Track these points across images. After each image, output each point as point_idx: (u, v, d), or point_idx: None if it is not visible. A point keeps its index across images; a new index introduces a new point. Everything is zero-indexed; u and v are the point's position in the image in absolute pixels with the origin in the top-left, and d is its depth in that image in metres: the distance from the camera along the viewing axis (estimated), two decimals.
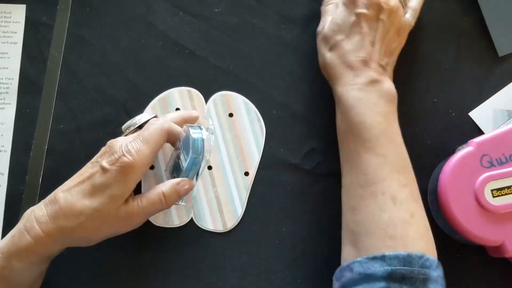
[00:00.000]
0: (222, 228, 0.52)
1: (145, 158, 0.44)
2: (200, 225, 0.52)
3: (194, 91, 0.55)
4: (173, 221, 0.52)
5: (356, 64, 0.47)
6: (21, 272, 0.43)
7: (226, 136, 0.54)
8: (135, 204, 0.45)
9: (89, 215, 0.43)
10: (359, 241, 0.43)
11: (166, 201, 0.46)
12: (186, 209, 0.52)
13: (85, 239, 0.45)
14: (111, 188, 0.43)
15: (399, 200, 0.43)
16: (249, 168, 0.53)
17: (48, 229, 0.42)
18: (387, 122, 0.46)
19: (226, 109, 0.54)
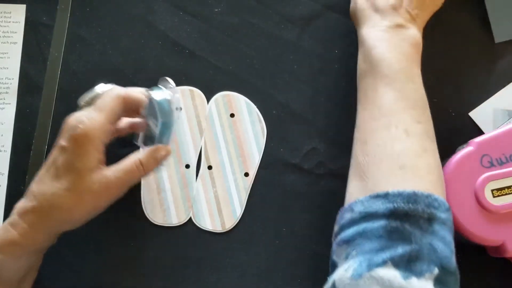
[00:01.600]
0: (221, 228, 0.52)
1: (100, 125, 0.42)
2: (198, 224, 0.52)
3: (196, 91, 0.55)
4: (171, 220, 0.52)
5: (385, 8, 0.47)
6: (7, 266, 0.43)
7: (227, 136, 0.54)
8: (110, 175, 0.43)
9: (62, 196, 0.42)
10: (367, 171, 0.41)
11: (144, 168, 0.45)
12: (185, 208, 0.52)
13: (67, 221, 0.44)
14: (73, 163, 0.42)
15: (412, 133, 0.41)
16: (249, 169, 0.53)
17: (30, 221, 0.42)
18: (407, 62, 0.45)
19: (228, 109, 0.54)
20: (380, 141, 0.42)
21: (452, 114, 0.54)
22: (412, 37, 0.47)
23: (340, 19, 0.57)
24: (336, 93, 0.55)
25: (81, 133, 0.42)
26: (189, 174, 0.53)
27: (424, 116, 0.44)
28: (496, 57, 0.55)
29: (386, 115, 0.43)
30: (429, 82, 0.55)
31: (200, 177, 0.53)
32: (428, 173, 0.41)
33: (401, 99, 0.43)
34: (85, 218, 0.45)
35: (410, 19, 0.48)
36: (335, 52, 0.56)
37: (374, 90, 0.44)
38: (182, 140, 0.54)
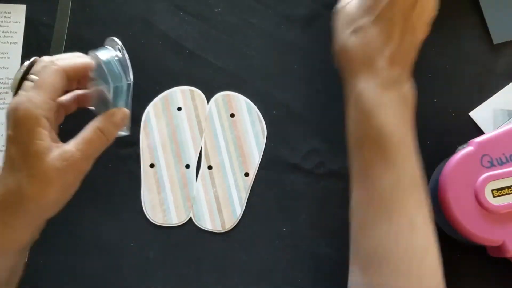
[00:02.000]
0: (221, 228, 0.52)
1: (40, 102, 0.39)
2: (198, 224, 0.52)
3: (197, 91, 0.55)
4: (171, 219, 0.52)
5: (381, 58, 0.42)
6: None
7: (227, 136, 0.54)
8: (70, 149, 0.39)
9: (26, 184, 0.38)
10: (370, 266, 0.39)
11: (105, 134, 0.41)
12: (185, 208, 0.52)
13: (41, 209, 0.40)
14: (26, 147, 0.38)
15: (416, 225, 0.39)
16: (249, 169, 0.53)
17: (1, 219, 0.39)
18: (407, 130, 0.42)
19: (228, 109, 0.54)
20: (383, 233, 0.39)
21: (452, 114, 0.54)
22: (408, 95, 0.42)
23: None
24: (336, 93, 0.55)
25: (22, 114, 0.38)
26: (189, 174, 0.53)
27: (424, 194, 0.41)
28: (496, 57, 0.55)
29: (387, 202, 0.39)
30: (429, 82, 0.55)
31: (200, 177, 0.53)
32: (432, 274, 0.39)
33: (402, 180, 0.40)
34: (59, 200, 0.40)
35: (407, 69, 0.43)
36: None
37: (371, 167, 0.40)
38: (182, 140, 0.54)
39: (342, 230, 0.52)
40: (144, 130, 0.54)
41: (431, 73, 0.55)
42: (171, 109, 0.54)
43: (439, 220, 0.51)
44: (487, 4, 0.56)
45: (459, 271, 0.51)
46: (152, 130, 0.54)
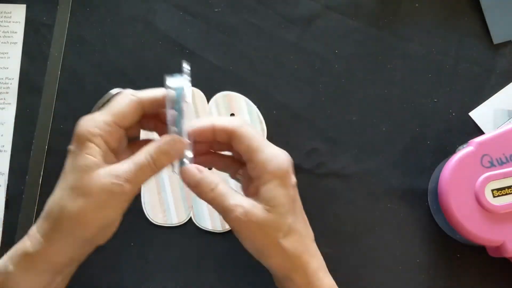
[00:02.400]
0: (221, 228, 0.52)
1: (103, 122, 0.38)
2: (199, 225, 0.52)
3: (197, 91, 0.55)
4: (171, 219, 0.52)
5: (314, 247, 0.41)
6: (17, 280, 0.39)
7: None
8: (120, 168, 0.38)
9: (69, 197, 0.37)
10: None
11: (155, 164, 0.38)
12: (185, 208, 0.52)
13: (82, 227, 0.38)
14: (76, 161, 0.38)
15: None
16: None
17: (43, 231, 0.38)
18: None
19: (228, 109, 0.54)
20: None
21: (452, 114, 0.54)
22: None
23: (340, 19, 0.57)
24: (336, 93, 0.55)
25: (79, 129, 0.38)
26: None
27: None
28: (496, 57, 0.55)
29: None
30: (429, 82, 0.55)
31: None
32: None
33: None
34: (100, 223, 0.38)
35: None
36: (335, 52, 0.56)
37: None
38: None
39: (342, 230, 0.52)
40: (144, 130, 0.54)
41: (431, 73, 0.55)
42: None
43: (439, 220, 0.51)
44: (487, 4, 0.56)
45: (459, 271, 0.51)
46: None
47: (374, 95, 0.55)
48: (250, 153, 0.40)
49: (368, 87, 0.55)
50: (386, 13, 0.57)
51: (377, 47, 0.56)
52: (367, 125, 0.54)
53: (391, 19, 0.57)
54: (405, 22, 0.56)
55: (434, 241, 0.52)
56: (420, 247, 0.52)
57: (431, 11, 0.56)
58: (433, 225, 0.52)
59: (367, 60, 0.56)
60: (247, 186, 0.42)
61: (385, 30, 0.56)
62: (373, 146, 0.54)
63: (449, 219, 0.47)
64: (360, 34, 0.56)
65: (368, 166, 0.53)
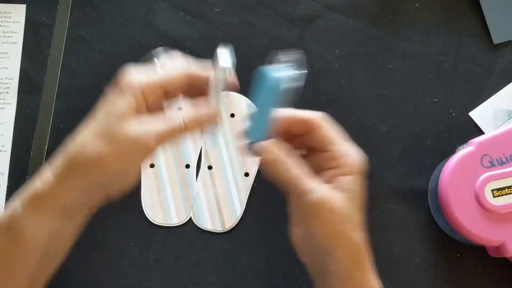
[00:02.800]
0: (221, 228, 0.52)
1: (145, 77, 0.39)
2: (198, 224, 0.52)
3: None
4: (171, 220, 0.52)
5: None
6: (30, 224, 0.37)
7: (227, 136, 0.54)
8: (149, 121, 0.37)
9: (92, 140, 0.36)
10: None
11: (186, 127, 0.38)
12: (185, 208, 0.52)
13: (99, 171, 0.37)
14: (107, 107, 0.38)
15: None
16: (249, 169, 0.53)
17: (56, 170, 0.37)
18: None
19: (228, 109, 0.54)
20: None
21: (452, 114, 0.54)
22: None
23: (340, 19, 0.57)
24: (336, 93, 0.55)
25: (126, 79, 0.38)
26: (189, 174, 0.53)
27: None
28: (496, 57, 0.55)
29: None
30: (429, 82, 0.55)
31: (200, 177, 0.53)
32: None
33: None
34: (121, 170, 0.37)
35: None
36: (335, 52, 0.56)
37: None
38: (183, 141, 0.54)
39: None
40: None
41: (431, 73, 0.55)
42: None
43: (439, 220, 0.51)
44: (487, 4, 0.56)
45: (459, 271, 0.51)
46: None
47: (374, 95, 0.55)
48: (331, 143, 0.40)
49: (368, 87, 0.55)
50: (386, 13, 0.57)
51: (377, 47, 0.56)
52: (367, 125, 0.54)
53: (391, 19, 0.57)
54: (405, 22, 0.56)
55: (434, 241, 0.52)
56: (420, 247, 0.52)
57: (431, 11, 0.56)
58: (433, 225, 0.52)
59: (367, 60, 0.56)
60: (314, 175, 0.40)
61: (385, 30, 0.56)
62: (373, 146, 0.54)
63: (449, 219, 0.47)
64: (360, 34, 0.56)
65: (368, 166, 0.53)
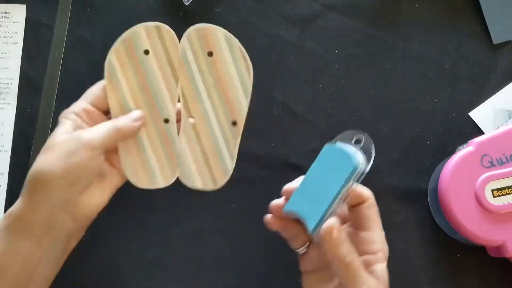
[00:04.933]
0: (212, 185, 0.47)
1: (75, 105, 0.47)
2: (187, 184, 0.47)
3: (164, 28, 0.47)
4: (157, 182, 0.47)
5: None
6: (13, 247, 0.41)
7: (207, 80, 0.47)
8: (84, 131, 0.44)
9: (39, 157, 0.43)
10: None
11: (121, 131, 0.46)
12: (171, 168, 0.47)
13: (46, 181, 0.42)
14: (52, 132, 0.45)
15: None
16: (236, 116, 0.47)
17: (23, 192, 0.43)
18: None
19: (204, 46, 0.47)
20: None
21: (452, 114, 0.54)
22: None
23: (340, 19, 0.57)
24: (336, 93, 0.55)
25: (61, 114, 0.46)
26: (169, 129, 0.47)
27: None
28: (496, 57, 0.55)
29: None
30: (429, 82, 0.55)
31: (182, 131, 0.47)
32: None
33: None
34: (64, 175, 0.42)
35: None
36: (335, 52, 0.56)
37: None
38: (156, 90, 0.47)
39: None
40: (110, 83, 0.47)
41: (431, 73, 0.55)
42: (136, 54, 0.47)
43: (439, 220, 0.51)
44: (487, 4, 0.56)
45: (459, 271, 0.51)
46: (119, 82, 0.47)
47: (374, 95, 0.55)
48: (374, 225, 0.42)
49: (368, 87, 0.55)
50: (386, 13, 0.57)
51: (377, 47, 0.56)
52: (367, 125, 0.54)
53: (391, 19, 0.57)
54: (405, 22, 0.56)
55: (434, 241, 0.52)
56: (420, 247, 0.52)
57: (431, 11, 0.56)
58: (433, 225, 0.52)
59: (367, 60, 0.56)
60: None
61: (385, 30, 0.56)
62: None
63: (449, 219, 0.47)
64: (360, 34, 0.56)
65: None
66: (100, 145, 0.44)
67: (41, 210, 0.42)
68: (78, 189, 0.43)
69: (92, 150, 0.43)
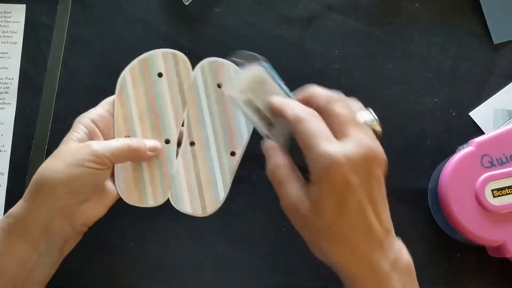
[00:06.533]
0: (201, 212, 0.48)
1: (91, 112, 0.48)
2: (177, 207, 0.48)
3: (180, 55, 0.49)
4: (147, 200, 0.48)
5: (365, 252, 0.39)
6: (9, 250, 0.42)
7: (213, 109, 0.49)
8: (93, 143, 0.44)
9: (45, 163, 0.44)
10: None
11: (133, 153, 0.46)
12: (163, 189, 0.48)
13: (50, 187, 0.42)
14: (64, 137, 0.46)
15: None
16: (236, 147, 0.48)
17: (25, 195, 0.43)
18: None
19: (215, 78, 0.49)
20: None
21: (452, 114, 0.54)
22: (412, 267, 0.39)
23: (340, 19, 0.57)
24: None
25: (77, 119, 0.47)
26: (168, 150, 0.48)
27: None
28: (496, 57, 0.55)
29: None
30: (429, 82, 0.55)
31: (181, 154, 0.48)
32: None
33: None
34: (68, 181, 0.42)
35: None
36: (335, 52, 0.56)
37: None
38: (163, 111, 0.49)
39: None
40: (119, 97, 0.49)
41: (431, 73, 0.55)
42: (150, 74, 0.49)
43: (439, 220, 0.51)
44: (488, 4, 0.56)
45: (459, 271, 0.51)
46: (129, 98, 0.49)
47: (374, 95, 0.55)
48: (305, 149, 0.38)
49: (368, 87, 0.55)
50: (386, 13, 0.57)
51: (377, 47, 0.56)
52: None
53: (391, 19, 0.57)
54: (405, 22, 0.56)
55: (434, 241, 0.52)
56: (420, 247, 0.52)
57: (431, 11, 0.56)
58: (433, 225, 0.52)
59: (367, 60, 0.56)
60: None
61: (385, 30, 0.56)
62: None
63: (449, 219, 0.47)
64: (360, 34, 0.56)
65: None
66: (109, 160, 0.44)
67: (41, 214, 0.43)
68: (80, 198, 0.44)
69: (101, 164, 0.44)
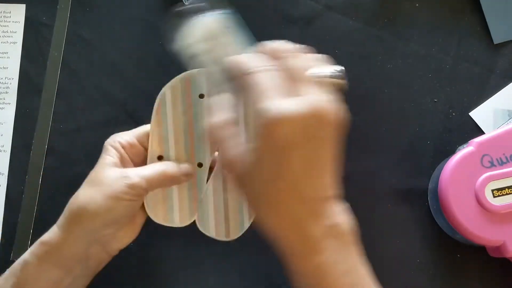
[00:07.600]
0: (225, 237, 0.47)
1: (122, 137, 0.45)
2: (202, 230, 0.48)
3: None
4: (173, 220, 0.48)
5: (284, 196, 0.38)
6: (30, 269, 0.42)
7: None
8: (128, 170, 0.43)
9: (80, 190, 0.42)
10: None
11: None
12: (190, 211, 0.48)
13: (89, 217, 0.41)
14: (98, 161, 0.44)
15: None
16: None
17: (59, 222, 0.42)
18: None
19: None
20: None
21: (452, 114, 0.54)
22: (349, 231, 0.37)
23: (340, 19, 0.57)
24: None
25: (107, 140, 0.45)
26: (200, 173, 0.47)
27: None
28: (496, 57, 0.55)
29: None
30: (429, 82, 0.55)
31: (212, 179, 0.48)
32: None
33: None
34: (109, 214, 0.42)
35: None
36: (335, 52, 0.56)
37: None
38: (199, 134, 0.46)
39: None
40: (157, 116, 0.47)
41: (431, 73, 0.55)
42: (191, 95, 0.46)
43: (439, 220, 0.51)
44: (488, 4, 0.56)
45: (459, 271, 0.51)
46: (166, 116, 0.47)
47: (374, 95, 0.55)
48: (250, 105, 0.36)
49: (368, 87, 0.55)
50: (386, 13, 0.57)
51: (377, 47, 0.56)
52: (367, 125, 0.54)
53: (391, 19, 0.57)
54: (405, 22, 0.56)
55: (434, 241, 0.52)
56: (420, 247, 0.52)
57: (431, 11, 0.56)
58: (433, 225, 0.52)
59: (367, 60, 0.56)
60: None
61: (385, 30, 0.56)
62: (373, 146, 0.54)
63: (449, 219, 0.47)
64: (360, 34, 0.56)
65: (368, 166, 0.53)
66: (145, 190, 0.43)
67: (78, 244, 0.42)
68: (117, 227, 0.44)
69: (137, 196, 0.43)
